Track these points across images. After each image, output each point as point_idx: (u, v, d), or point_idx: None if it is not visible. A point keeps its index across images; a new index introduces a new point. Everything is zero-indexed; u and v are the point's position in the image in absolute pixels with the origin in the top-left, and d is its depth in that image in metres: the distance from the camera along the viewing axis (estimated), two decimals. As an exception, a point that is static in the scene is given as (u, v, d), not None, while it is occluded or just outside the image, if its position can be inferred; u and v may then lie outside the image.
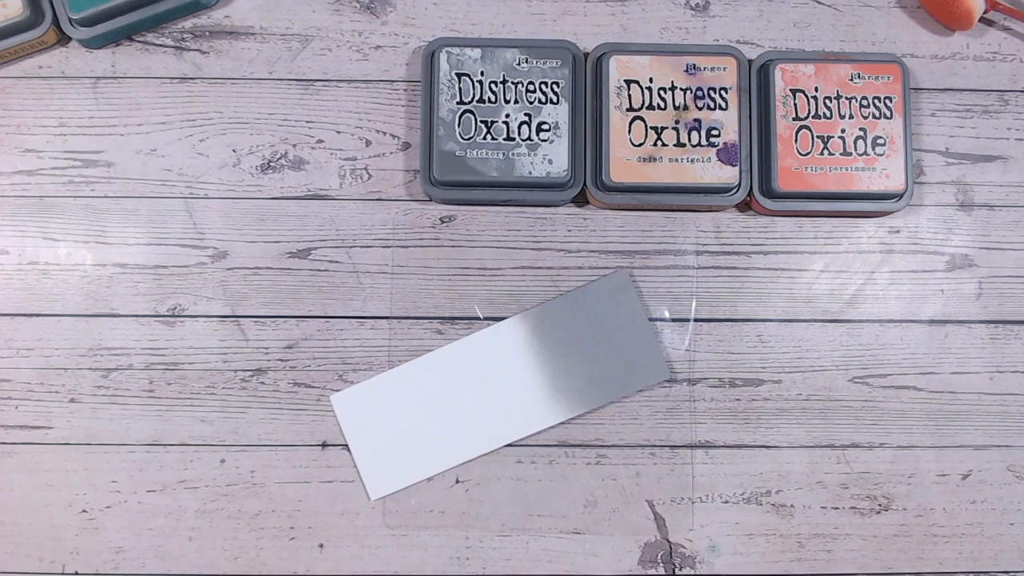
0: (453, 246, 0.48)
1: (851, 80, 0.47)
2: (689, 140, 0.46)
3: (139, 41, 0.49)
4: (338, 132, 0.49)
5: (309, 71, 0.49)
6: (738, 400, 0.48)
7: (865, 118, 0.47)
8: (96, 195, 0.48)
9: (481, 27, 0.49)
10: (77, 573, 0.47)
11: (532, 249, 0.48)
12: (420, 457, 0.47)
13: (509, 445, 0.47)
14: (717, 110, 0.47)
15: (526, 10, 0.50)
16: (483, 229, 0.48)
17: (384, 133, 0.49)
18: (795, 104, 0.47)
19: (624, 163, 0.46)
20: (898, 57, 0.48)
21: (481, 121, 0.46)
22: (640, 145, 0.46)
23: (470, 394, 0.47)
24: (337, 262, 0.48)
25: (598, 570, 0.47)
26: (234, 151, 0.48)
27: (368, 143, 0.49)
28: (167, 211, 0.48)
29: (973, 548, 0.48)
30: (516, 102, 0.46)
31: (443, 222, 0.48)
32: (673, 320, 0.48)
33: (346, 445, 0.47)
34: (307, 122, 0.49)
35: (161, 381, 0.47)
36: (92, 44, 0.48)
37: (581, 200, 0.49)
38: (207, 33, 0.49)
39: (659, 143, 0.46)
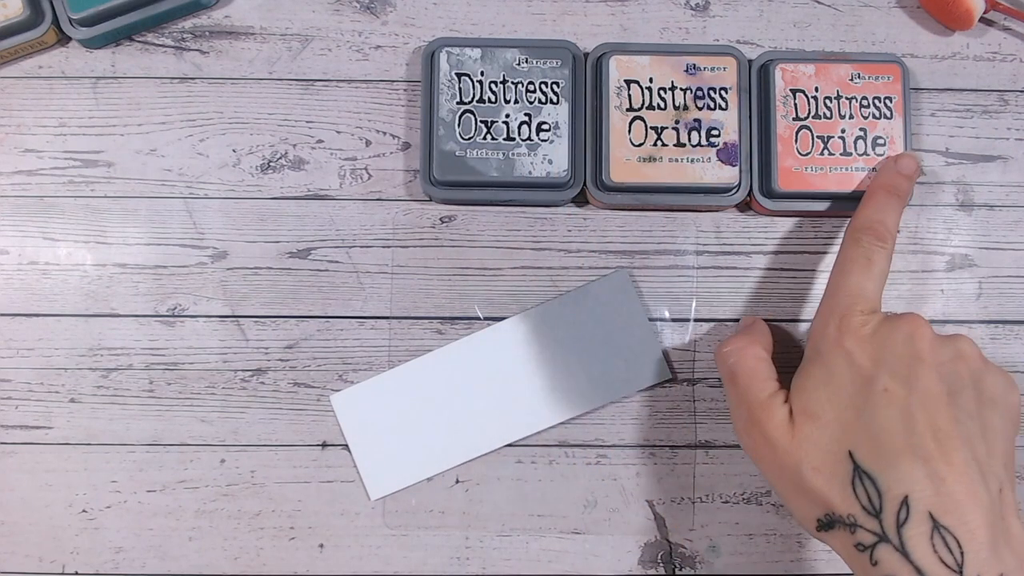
0: (453, 246, 0.48)
1: (851, 80, 0.47)
2: (689, 140, 0.46)
3: (139, 41, 0.49)
4: (338, 132, 0.49)
5: (309, 71, 0.49)
6: (738, 400, 0.48)
7: (865, 118, 0.47)
8: (96, 195, 0.48)
9: (481, 27, 0.49)
10: (77, 573, 0.47)
11: (532, 249, 0.48)
12: (420, 457, 0.47)
13: (509, 445, 0.47)
14: (717, 110, 0.47)
15: (526, 10, 0.50)
16: (483, 229, 0.48)
17: (384, 133, 0.49)
18: (795, 104, 0.47)
19: (624, 163, 0.46)
20: (898, 57, 0.48)
21: (481, 121, 0.46)
22: (640, 145, 0.46)
23: (470, 394, 0.47)
24: (337, 262, 0.48)
25: (598, 570, 0.47)
26: (234, 151, 0.48)
27: (368, 143, 0.49)
28: (167, 211, 0.48)
29: (973, 548, 0.48)
30: (516, 102, 0.46)
31: (443, 222, 0.48)
32: (673, 320, 0.48)
33: (346, 445, 0.47)
34: (307, 122, 0.49)
35: (161, 381, 0.47)
36: (92, 44, 0.48)
37: (581, 200, 0.49)
38: (207, 33, 0.49)
39: (659, 143, 0.46)
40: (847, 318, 0.39)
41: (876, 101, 0.47)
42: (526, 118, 0.46)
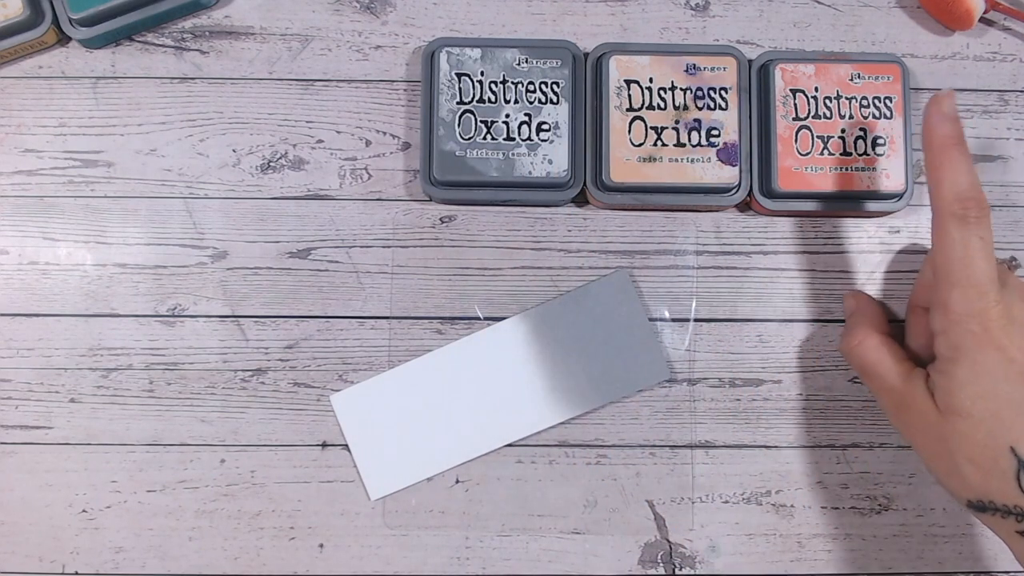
0: (453, 246, 0.48)
1: (851, 80, 0.47)
2: (689, 140, 0.46)
3: (139, 41, 0.49)
4: (338, 132, 0.49)
5: (309, 71, 0.49)
6: (738, 400, 0.48)
7: (865, 118, 0.47)
8: (96, 195, 0.48)
9: (481, 27, 0.49)
10: (77, 573, 0.47)
11: (532, 249, 0.48)
12: (420, 457, 0.47)
13: (509, 445, 0.47)
14: (717, 110, 0.47)
15: (526, 10, 0.50)
16: (483, 229, 0.48)
17: (384, 133, 0.49)
18: (795, 104, 0.47)
19: (624, 163, 0.46)
20: (898, 57, 0.48)
21: (481, 121, 0.46)
22: (640, 145, 0.46)
23: (470, 394, 0.47)
24: (337, 262, 0.48)
25: (598, 570, 0.47)
26: (234, 151, 0.48)
27: (368, 143, 0.49)
28: (167, 211, 0.48)
29: (973, 548, 0.48)
30: (516, 102, 0.46)
31: (443, 222, 0.48)
32: (673, 320, 0.48)
33: (346, 445, 0.47)
34: (307, 122, 0.49)
35: (161, 381, 0.47)
36: (92, 44, 0.48)
37: (581, 200, 0.49)
38: (207, 33, 0.49)
39: (659, 143, 0.46)
40: (986, 313, 0.39)
41: (876, 101, 0.47)
42: (526, 118, 0.46)
